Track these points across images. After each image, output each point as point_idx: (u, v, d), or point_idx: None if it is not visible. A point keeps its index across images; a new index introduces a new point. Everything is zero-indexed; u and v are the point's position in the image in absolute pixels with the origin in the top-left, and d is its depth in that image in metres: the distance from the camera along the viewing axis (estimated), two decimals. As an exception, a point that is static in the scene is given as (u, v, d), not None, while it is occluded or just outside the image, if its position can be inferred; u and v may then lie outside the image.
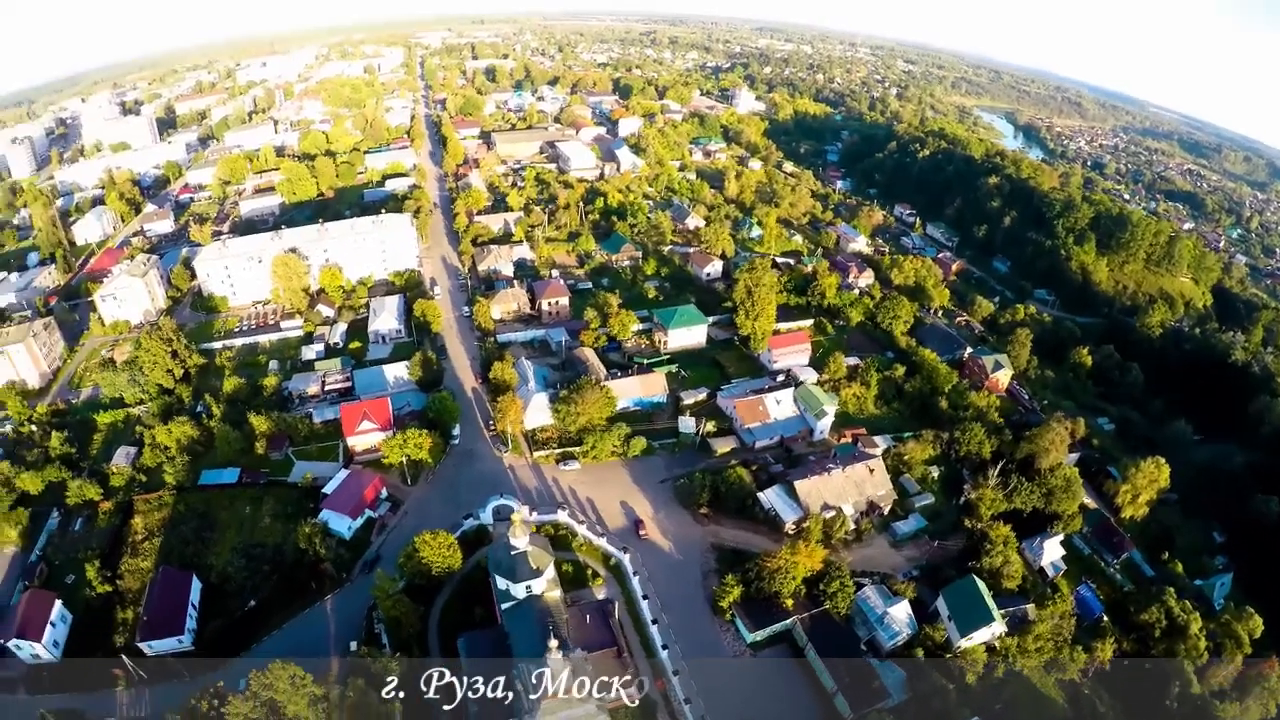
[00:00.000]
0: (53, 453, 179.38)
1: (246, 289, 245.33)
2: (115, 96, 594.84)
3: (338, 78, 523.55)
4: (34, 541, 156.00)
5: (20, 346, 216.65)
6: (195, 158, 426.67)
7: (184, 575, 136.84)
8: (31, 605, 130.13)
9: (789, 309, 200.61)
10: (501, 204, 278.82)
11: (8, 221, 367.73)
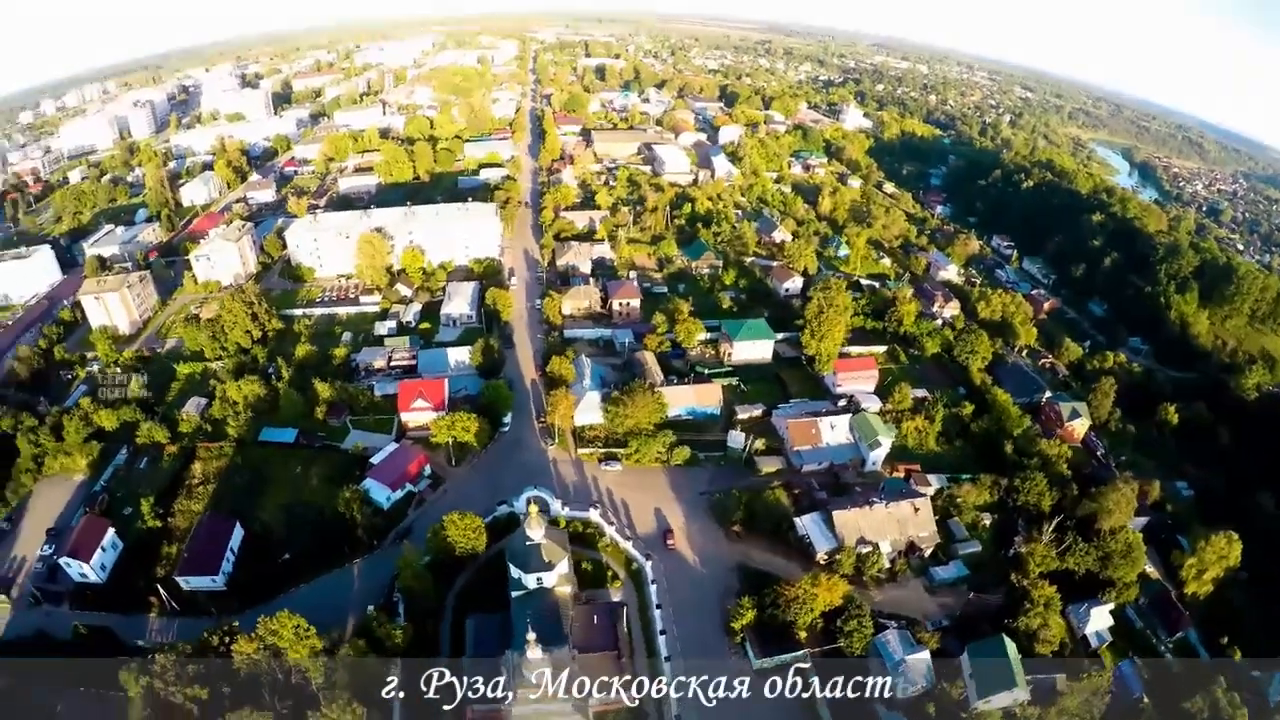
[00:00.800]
0: (131, 395, 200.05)
1: (332, 262, 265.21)
2: (237, 69, 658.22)
3: (450, 66, 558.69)
4: (100, 473, 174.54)
5: (115, 295, 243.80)
6: (304, 133, 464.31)
7: (228, 522, 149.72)
8: (86, 530, 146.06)
9: (864, 333, 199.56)
10: (590, 201, 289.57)
11: (122, 178, 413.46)
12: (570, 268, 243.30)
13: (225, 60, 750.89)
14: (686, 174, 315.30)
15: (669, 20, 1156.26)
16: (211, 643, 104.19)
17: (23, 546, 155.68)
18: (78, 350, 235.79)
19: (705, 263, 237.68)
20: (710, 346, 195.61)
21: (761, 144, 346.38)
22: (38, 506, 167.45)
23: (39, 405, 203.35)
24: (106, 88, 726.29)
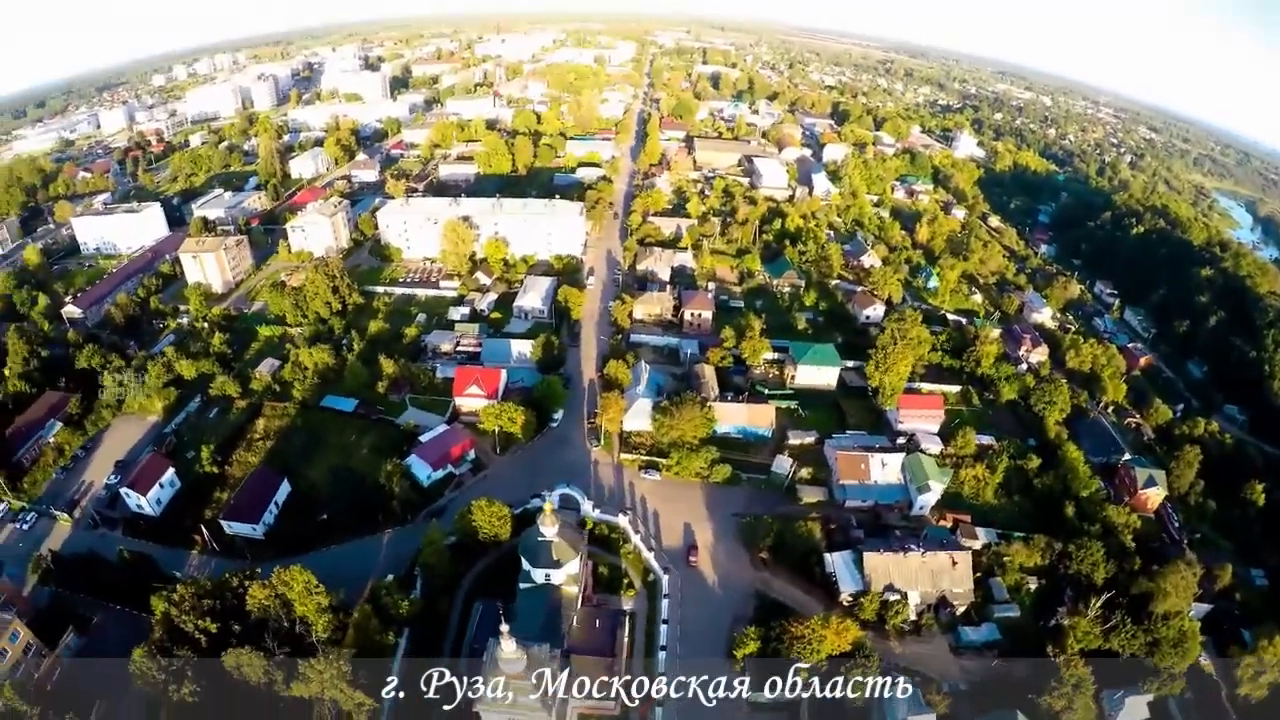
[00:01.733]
0: (212, 349, 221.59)
1: (419, 245, 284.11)
2: (361, 51, 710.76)
3: (566, 63, 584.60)
4: (173, 417, 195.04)
5: (212, 256, 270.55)
6: (415, 118, 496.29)
7: (277, 477, 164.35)
8: (149, 466, 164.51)
9: (940, 370, 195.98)
10: (681, 209, 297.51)
11: (238, 146, 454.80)
12: (649, 273, 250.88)
13: (352, 42, 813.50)
14: (784, 189, 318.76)
15: (792, 33, 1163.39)
16: (230, 584, 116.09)
17: (92, 473, 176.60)
18: (171, 303, 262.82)
19: (787, 281, 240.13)
20: (775, 367, 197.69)
21: (866, 165, 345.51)
22: (112, 440, 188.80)
23: (129, 349, 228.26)
24: (237, 59, 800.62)
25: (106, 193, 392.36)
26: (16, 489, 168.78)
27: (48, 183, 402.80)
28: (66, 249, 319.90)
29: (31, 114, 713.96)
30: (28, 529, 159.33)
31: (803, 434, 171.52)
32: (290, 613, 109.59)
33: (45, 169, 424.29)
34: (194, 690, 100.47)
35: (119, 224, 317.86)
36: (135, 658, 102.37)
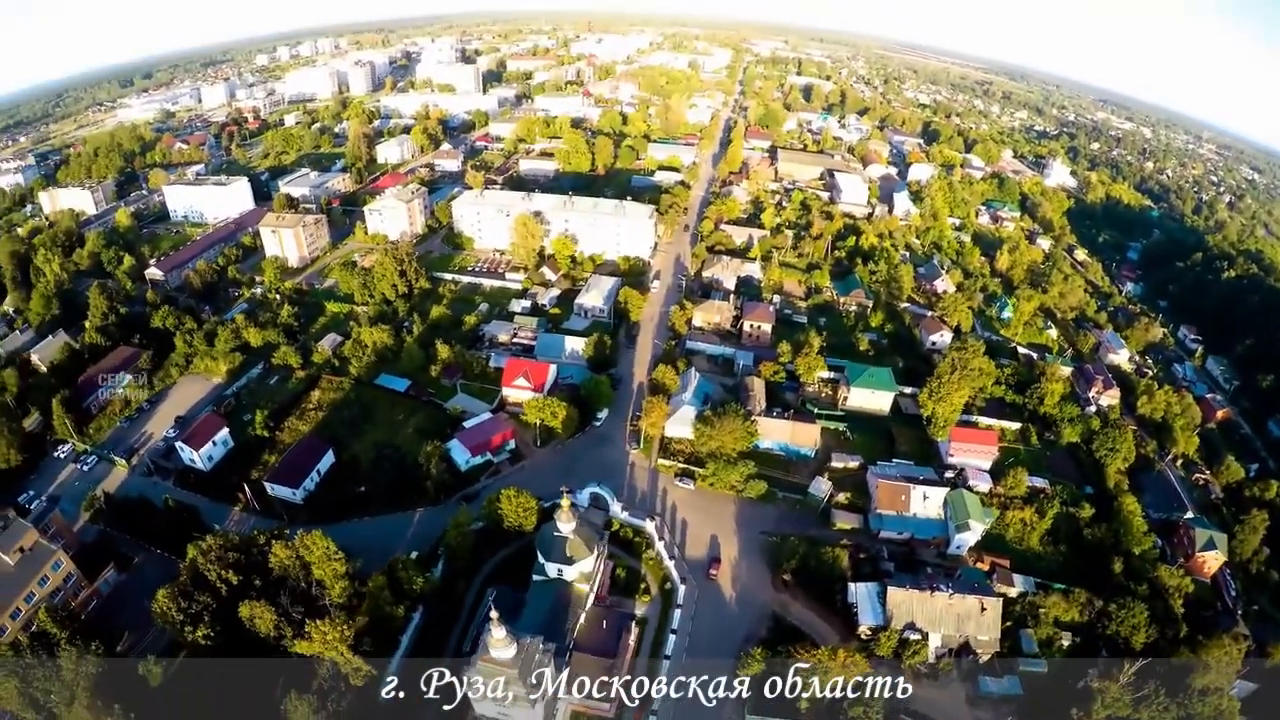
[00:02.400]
0: (280, 320, 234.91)
1: (491, 236, 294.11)
2: (459, 43, 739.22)
3: (659, 67, 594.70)
4: (235, 381, 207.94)
5: (290, 231, 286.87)
6: (503, 112, 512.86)
7: (323, 446, 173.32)
8: (205, 424, 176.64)
9: (1001, 404, 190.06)
10: (755, 219, 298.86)
11: (330, 129, 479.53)
12: (714, 280, 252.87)
13: (452, 33, 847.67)
14: (863, 206, 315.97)
15: (891, 48, 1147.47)
16: (257, 540, 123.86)
17: (154, 425, 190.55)
18: (248, 273, 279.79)
19: (854, 299, 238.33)
20: (829, 386, 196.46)
21: (951, 187, 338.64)
22: (176, 396, 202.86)
23: (203, 313, 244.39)
24: (339, 44, 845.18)
25: (200, 164, 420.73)
26: (82, 433, 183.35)
27: (146, 150, 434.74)
28: (157, 215, 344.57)
29: (139, 84, 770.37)
30: (87, 470, 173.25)
31: (847, 457, 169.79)
32: (309, 575, 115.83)
33: (145, 137, 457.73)
34: (207, 635, 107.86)
35: (207, 195, 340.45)
36: (158, 597, 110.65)
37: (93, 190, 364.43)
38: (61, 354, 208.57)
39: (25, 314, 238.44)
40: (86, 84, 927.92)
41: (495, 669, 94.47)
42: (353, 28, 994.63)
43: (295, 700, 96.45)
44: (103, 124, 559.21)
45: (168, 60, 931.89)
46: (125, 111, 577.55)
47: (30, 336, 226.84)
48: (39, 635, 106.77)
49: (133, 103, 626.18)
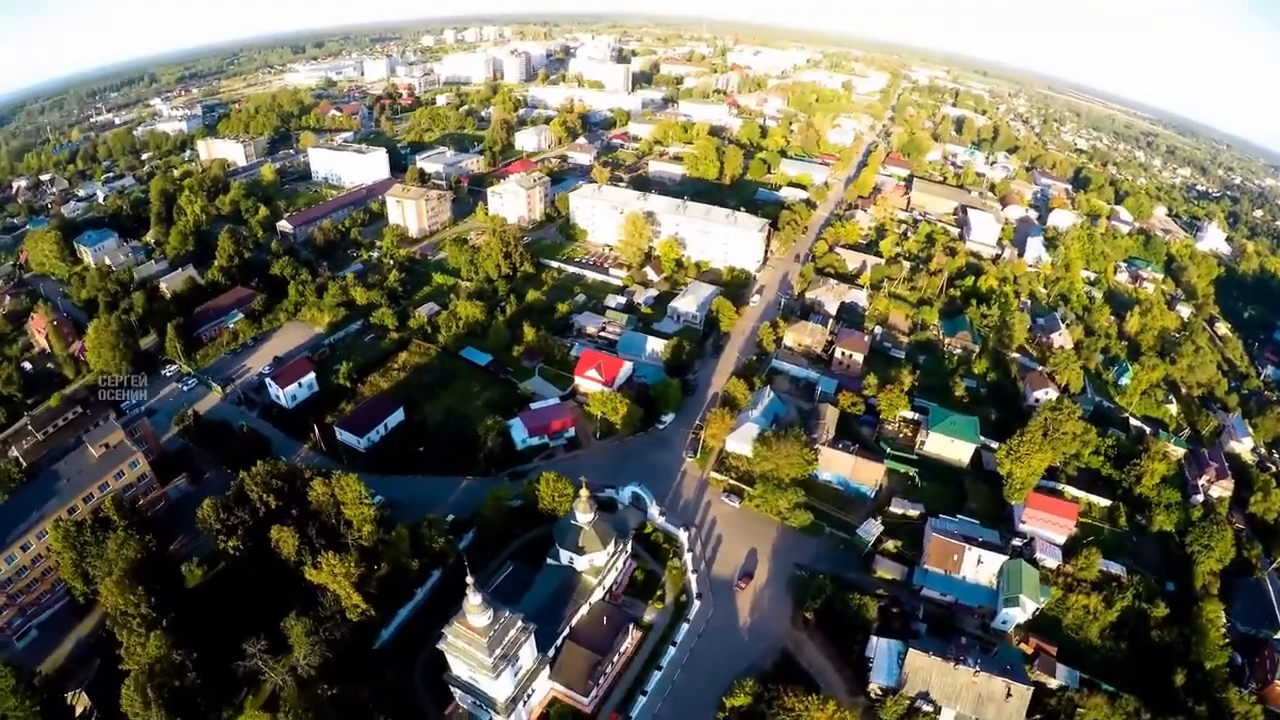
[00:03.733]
0: (386, 283, 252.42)
1: (602, 231, 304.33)
2: (617, 42, 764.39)
3: (811, 84, 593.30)
4: (333, 333, 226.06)
5: (413, 204, 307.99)
6: (645, 113, 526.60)
7: (395, 404, 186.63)
8: (295, 366, 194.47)
9: (1094, 476, 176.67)
10: (873, 246, 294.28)
11: (477, 112, 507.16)
12: (815, 302, 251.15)
13: (613, 32, 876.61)
14: (991, 247, 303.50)
15: (1057, 88, 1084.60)
16: (303, 474, 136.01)
17: (254, 361, 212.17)
18: (369, 237, 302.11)
19: (960, 342, 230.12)
20: (909, 427, 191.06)
21: (1090, 238, 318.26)
22: (279, 339, 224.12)
23: (320, 267, 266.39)
24: (503, 33, 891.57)
25: (349, 132, 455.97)
26: (190, 358, 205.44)
27: (302, 114, 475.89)
28: (300, 173, 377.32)
29: (310, 52, 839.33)
30: (186, 390, 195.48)
31: (909, 504, 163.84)
32: (340, 514, 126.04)
33: (304, 101, 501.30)
34: (237, 547, 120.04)
35: (347, 160, 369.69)
36: (204, 505, 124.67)
37: (245, 144, 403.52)
38: (186, 286, 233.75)
39: (163, 247, 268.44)
40: (261, 46, 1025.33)
41: (467, 633, 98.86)
42: (520, 18, 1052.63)
43: (293, 621, 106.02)
44: (269, 85, 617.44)
45: (342, 32, 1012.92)
46: (291, 76, 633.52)
47: (163, 267, 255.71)
48: (101, 519, 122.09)
49: (300, 69, 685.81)
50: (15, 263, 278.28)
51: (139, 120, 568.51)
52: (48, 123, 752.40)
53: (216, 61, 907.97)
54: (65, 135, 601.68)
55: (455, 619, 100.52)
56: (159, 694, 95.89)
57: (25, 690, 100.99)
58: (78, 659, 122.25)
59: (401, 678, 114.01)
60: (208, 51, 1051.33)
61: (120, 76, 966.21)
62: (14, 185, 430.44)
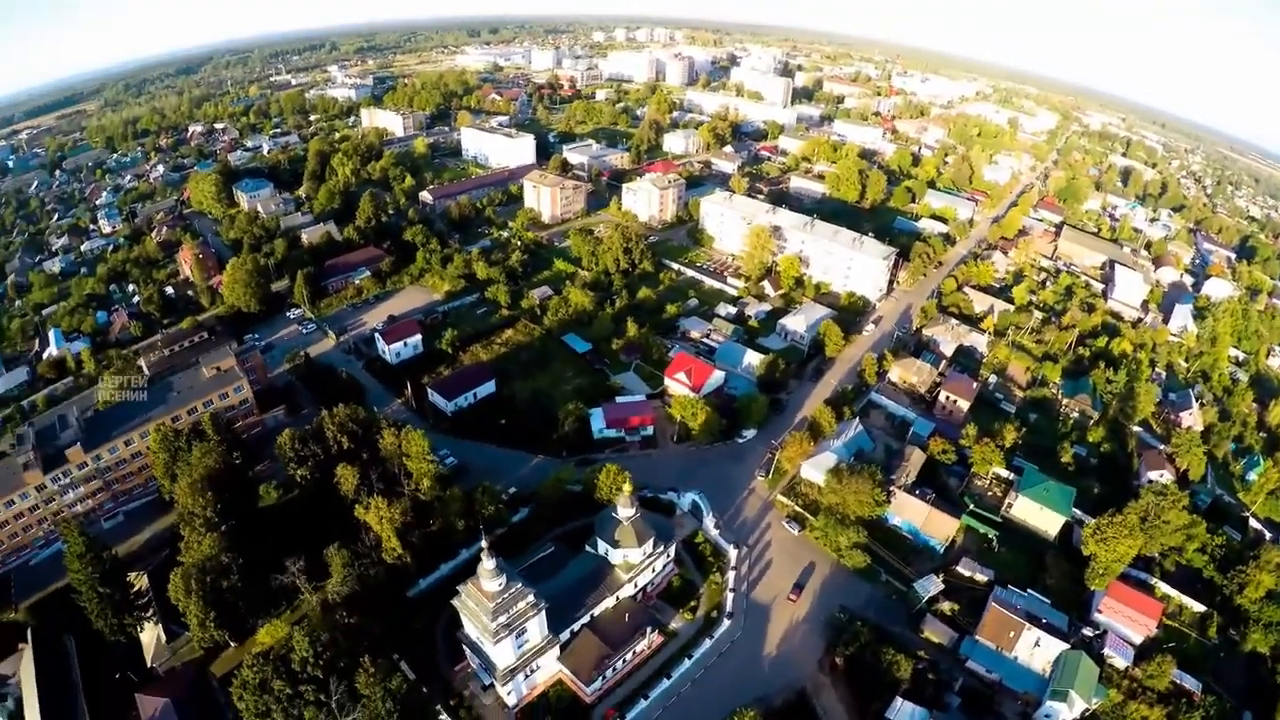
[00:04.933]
0: (508, 263, 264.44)
1: (729, 240, 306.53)
2: (784, 55, 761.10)
3: (976, 117, 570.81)
4: (449, 302, 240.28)
5: (549, 190, 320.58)
6: (798, 128, 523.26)
7: (489, 375, 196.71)
8: (404, 327, 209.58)
9: (1193, 576, 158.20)
10: (1006, 291, 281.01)
11: (631, 110, 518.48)
12: (931, 340, 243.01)
13: (783, 46, 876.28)
14: (1134, 309, 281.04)
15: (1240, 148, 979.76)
16: (379, 423, 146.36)
17: (371, 317, 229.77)
18: (503, 217, 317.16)
19: (1078, 405, 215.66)
20: (1000, 486, 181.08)
21: (1246, 314, 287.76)
22: (399, 299, 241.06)
23: (451, 239, 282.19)
24: (674, 35, 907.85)
25: (505, 116, 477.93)
26: (314, 305, 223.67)
27: (465, 94, 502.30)
28: (450, 150, 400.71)
29: (484, 36, 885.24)
30: (305, 334, 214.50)
31: (978, 568, 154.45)
32: (404, 465, 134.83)
33: (468, 83, 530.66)
34: (304, 476, 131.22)
35: (496, 143, 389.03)
36: (284, 434, 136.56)
37: (405, 116, 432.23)
38: (323, 239, 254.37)
39: (311, 202, 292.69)
40: (440, 27, 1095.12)
41: (477, 595, 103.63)
42: (694, 23, 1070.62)
43: (334, 551, 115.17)
44: (439, 64, 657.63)
45: (519, 20, 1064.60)
46: (462, 58, 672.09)
47: (308, 220, 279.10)
48: (198, 430, 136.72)
49: (471, 51, 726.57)
50: (179, 199, 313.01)
51: (312, 84, 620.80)
52: (230, 77, 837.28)
53: (395, 37, 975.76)
54: (244, 90, 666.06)
55: (471, 580, 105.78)
56: (201, 588, 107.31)
57: (92, 559, 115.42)
58: (150, 547, 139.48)
59: (426, 628, 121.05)
60: (389, 26, 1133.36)
61: (305, 42, 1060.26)
62: (190, 130, 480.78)
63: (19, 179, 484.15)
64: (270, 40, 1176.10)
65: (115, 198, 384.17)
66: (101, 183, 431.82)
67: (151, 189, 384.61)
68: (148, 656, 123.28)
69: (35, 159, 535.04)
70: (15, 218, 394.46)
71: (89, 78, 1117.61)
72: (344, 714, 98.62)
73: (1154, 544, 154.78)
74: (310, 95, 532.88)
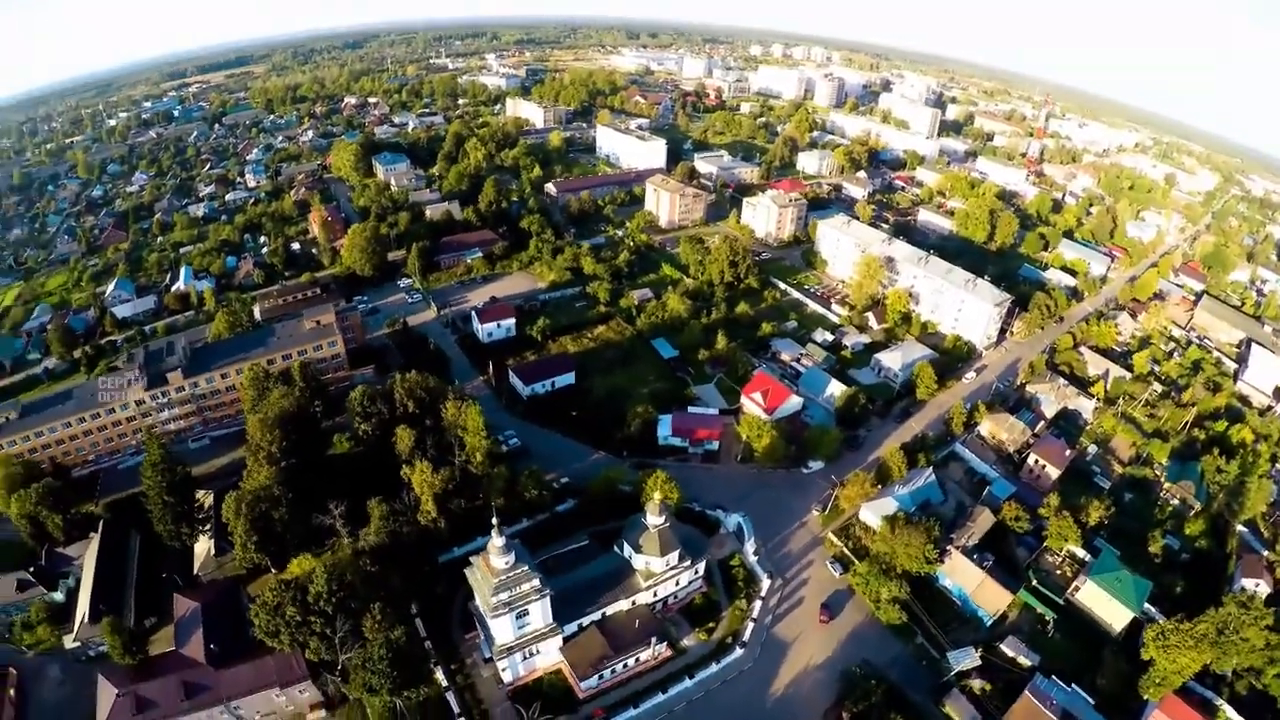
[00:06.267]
0: (615, 261, 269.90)
1: (842, 265, 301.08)
2: (939, 86, 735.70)
3: (1129, 170, 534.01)
4: (553, 291, 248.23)
5: (669, 195, 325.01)
6: (938, 161, 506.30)
7: (569, 366, 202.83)
8: (499, 309, 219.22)
9: (1267, 703, 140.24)
10: (1125, 357, 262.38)
11: (772, 126, 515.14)
12: (1033, 398, 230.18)
13: (940, 77, 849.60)
14: (1265, 395, 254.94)
15: None
16: (445, 393, 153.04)
17: (475, 296, 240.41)
18: (621, 216, 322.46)
19: (1180, 491, 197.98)
20: (1073, 566, 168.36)
21: None
22: (504, 283, 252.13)
23: (567, 232, 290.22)
24: (831, 56, 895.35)
25: (646, 119, 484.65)
26: (425, 277, 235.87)
27: (611, 94, 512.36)
28: (585, 146, 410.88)
29: (642, 39, 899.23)
30: (410, 303, 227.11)
31: (1025, 651, 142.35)
32: (459, 435, 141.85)
33: (616, 83, 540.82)
34: (366, 431, 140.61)
35: (629, 144, 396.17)
36: (356, 390, 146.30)
37: (546, 109, 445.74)
38: (443, 217, 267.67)
39: (442, 181, 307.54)
40: (599, 26, 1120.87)
41: (484, 569, 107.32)
42: (854, 45, 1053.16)
43: (375, 502, 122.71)
44: (593, 61, 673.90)
45: (679, 27, 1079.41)
46: (616, 58, 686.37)
47: (435, 197, 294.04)
48: (285, 375, 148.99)
49: (626, 53, 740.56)
50: (321, 163, 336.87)
51: (467, 70, 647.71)
52: (392, 55, 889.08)
53: (555, 32, 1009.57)
54: (402, 69, 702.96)
55: (482, 554, 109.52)
56: (250, 512, 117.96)
57: (164, 469, 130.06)
58: (225, 472, 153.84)
59: (448, 593, 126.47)
60: (550, 21, 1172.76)
61: (468, 29, 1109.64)
62: (345, 101, 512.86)
63: (181, 128, 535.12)
64: (436, 24, 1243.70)
65: (264, 155, 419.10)
66: (255, 140, 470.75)
67: (299, 151, 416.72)
68: (196, 565, 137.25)
69: (199, 112, 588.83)
70: (172, 163, 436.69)
71: (261, 43, 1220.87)
72: (344, 649, 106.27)
73: (1227, 661, 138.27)
74: (462, 80, 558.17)
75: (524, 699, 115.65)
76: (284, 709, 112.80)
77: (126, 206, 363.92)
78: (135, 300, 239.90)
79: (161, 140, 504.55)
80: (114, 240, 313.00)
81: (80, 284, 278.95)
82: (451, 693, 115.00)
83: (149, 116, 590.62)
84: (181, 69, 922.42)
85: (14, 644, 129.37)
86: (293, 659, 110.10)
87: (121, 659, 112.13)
